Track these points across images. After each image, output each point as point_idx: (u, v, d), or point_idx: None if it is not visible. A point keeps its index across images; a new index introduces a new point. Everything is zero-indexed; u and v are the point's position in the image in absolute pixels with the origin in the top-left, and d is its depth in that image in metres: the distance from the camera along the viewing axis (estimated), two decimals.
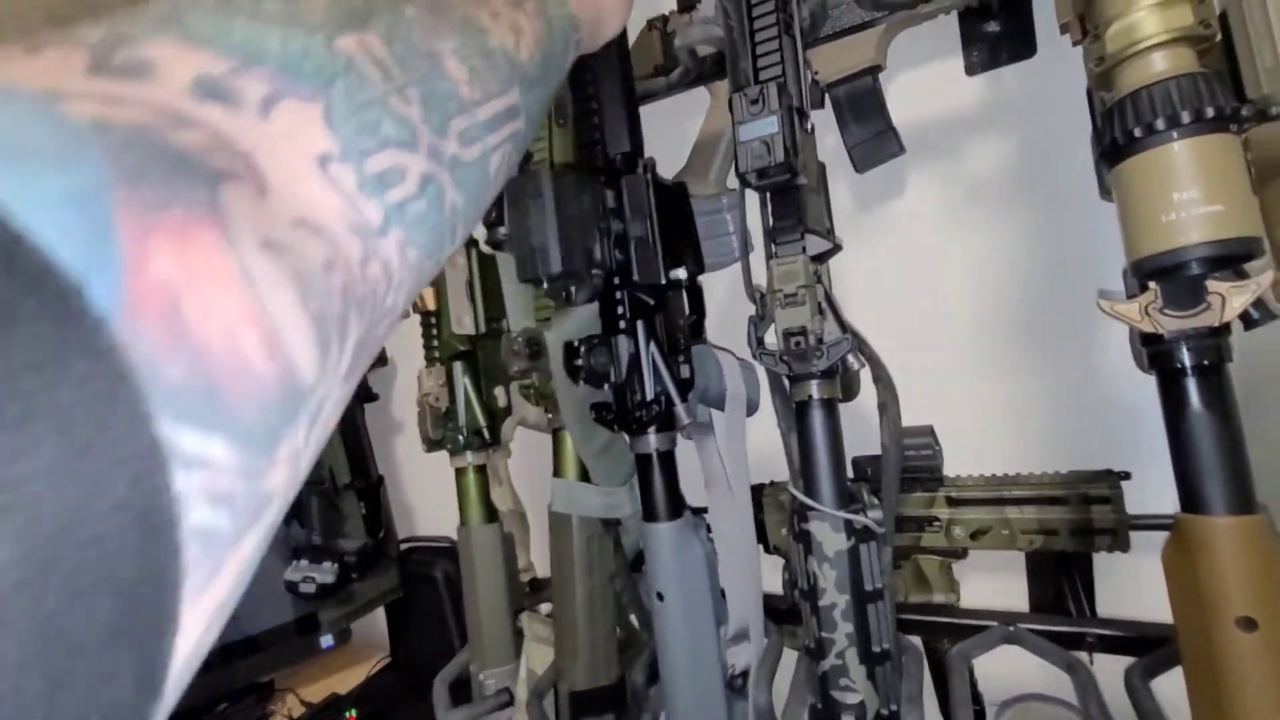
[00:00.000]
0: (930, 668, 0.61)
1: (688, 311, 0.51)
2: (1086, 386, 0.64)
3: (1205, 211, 0.28)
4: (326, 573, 0.85)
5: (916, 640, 0.53)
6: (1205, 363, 0.34)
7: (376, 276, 0.18)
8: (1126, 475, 0.57)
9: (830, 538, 0.44)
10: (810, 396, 0.46)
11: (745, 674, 0.49)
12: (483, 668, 0.59)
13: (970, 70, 0.58)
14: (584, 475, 0.54)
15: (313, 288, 0.15)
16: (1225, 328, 0.34)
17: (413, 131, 0.19)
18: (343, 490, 0.90)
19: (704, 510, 0.52)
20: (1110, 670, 0.47)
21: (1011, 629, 0.50)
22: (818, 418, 0.46)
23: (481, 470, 0.62)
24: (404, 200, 0.19)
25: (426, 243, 0.20)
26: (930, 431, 0.64)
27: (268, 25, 0.17)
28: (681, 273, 0.49)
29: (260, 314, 0.14)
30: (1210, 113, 0.29)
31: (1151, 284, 0.34)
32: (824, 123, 0.62)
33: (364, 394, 0.96)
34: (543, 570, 0.63)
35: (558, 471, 0.55)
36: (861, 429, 0.51)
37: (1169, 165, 0.30)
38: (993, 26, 0.57)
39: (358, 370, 0.18)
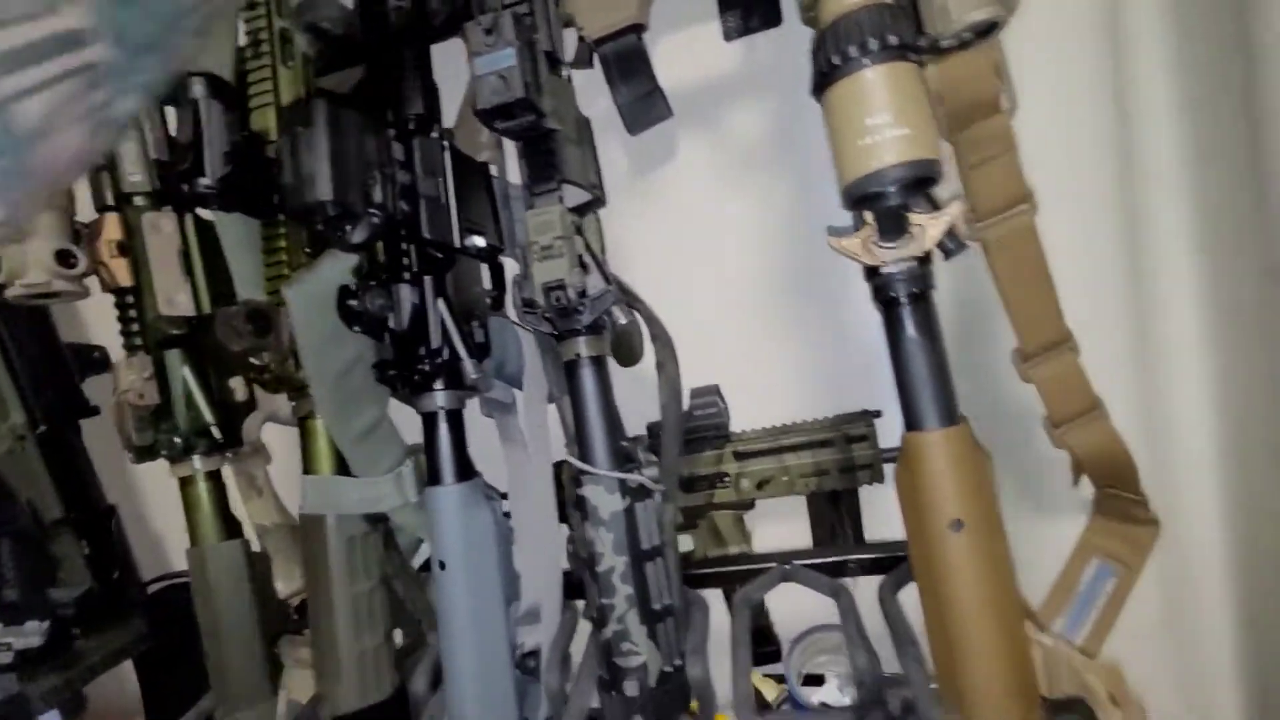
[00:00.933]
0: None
1: (489, 285, 0.48)
2: (848, 333, 0.70)
3: (895, 135, 0.30)
4: (31, 635, 0.67)
5: (711, 593, 0.54)
6: (915, 291, 0.37)
7: None
8: (878, 413, 0.63)
9: (605, 500, 0.42)
10: (578, 354, 0.43)
11: (536, 653, 0.46)
12: (229, 713, 0.49)
13: (727, 36, 0.60)
14: (343, 468, 0.48)
15: None
16: (928, 257, 0.37)
17: None
18: (52, 528, 0.72)
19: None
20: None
21: (787, 567, 0.53)
22: (588, 376, 0.44)
23: (215, 478, 0.52)
24: None
25: None
26: (715, 390, 0.66)
27: None
28: (479, 240, 0.45)
29: None
30: (894, 40, 0.30)
31: (868, 219, 0.36)
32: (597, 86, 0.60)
33: (79, 408, 0.78)
34: None
35: (309, 468, 0.48)
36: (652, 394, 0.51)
37: (862, 91, 0.31)
38: None
39: None
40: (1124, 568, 0.50)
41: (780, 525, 0.67)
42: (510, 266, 0.49)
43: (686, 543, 0.70)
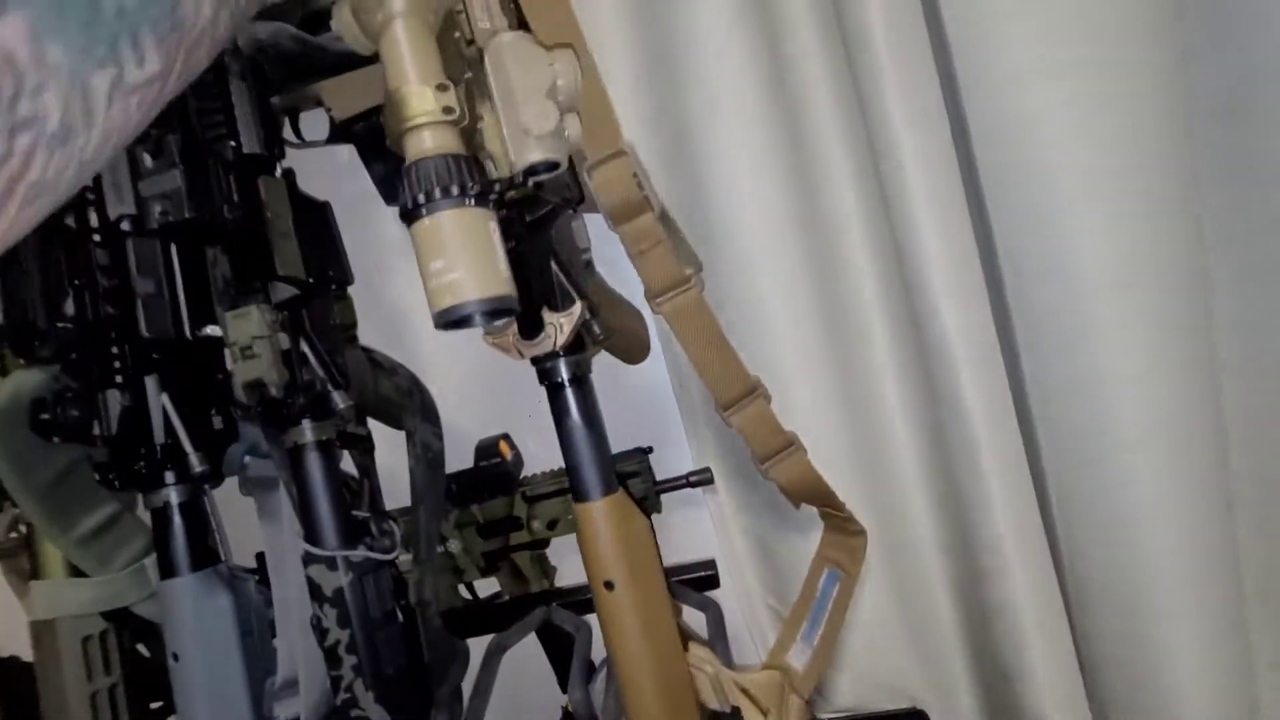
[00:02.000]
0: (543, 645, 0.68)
1: None
2: (620, 376, 0.75)
3: (450, 279, 0.31)
4: None
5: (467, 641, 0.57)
6: (575, 374, 0.42)
7: None
8: (650, 449, 0.69)
9: (328, 577, 0.45)
10: (299, 443, 0.46)
11: None
12: None
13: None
14: (79, 570, 0.48)
15: None
16: (579, 346, 0.42)
17: None
18: None
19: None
20: None
21: (545, 609, 0.58)
22: (312, 460, 0.46)
23: None
24: None
25: (75, 43, 0.15)
26: (499, 440, 0.70)
27: None
28: (214, 330, 0.46)
29: None
30: (454, 190, 0.31)
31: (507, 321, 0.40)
32: None
33: None
34: None
35: (36, 573, 0.48)
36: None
37: (425, 236, 0.32)
38: None
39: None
40: (845, 573, 0.57)
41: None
42: None
43: (492, 585, 0.73)
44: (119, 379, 0.44)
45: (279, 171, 0.50)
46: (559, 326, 0.39)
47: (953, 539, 0.63)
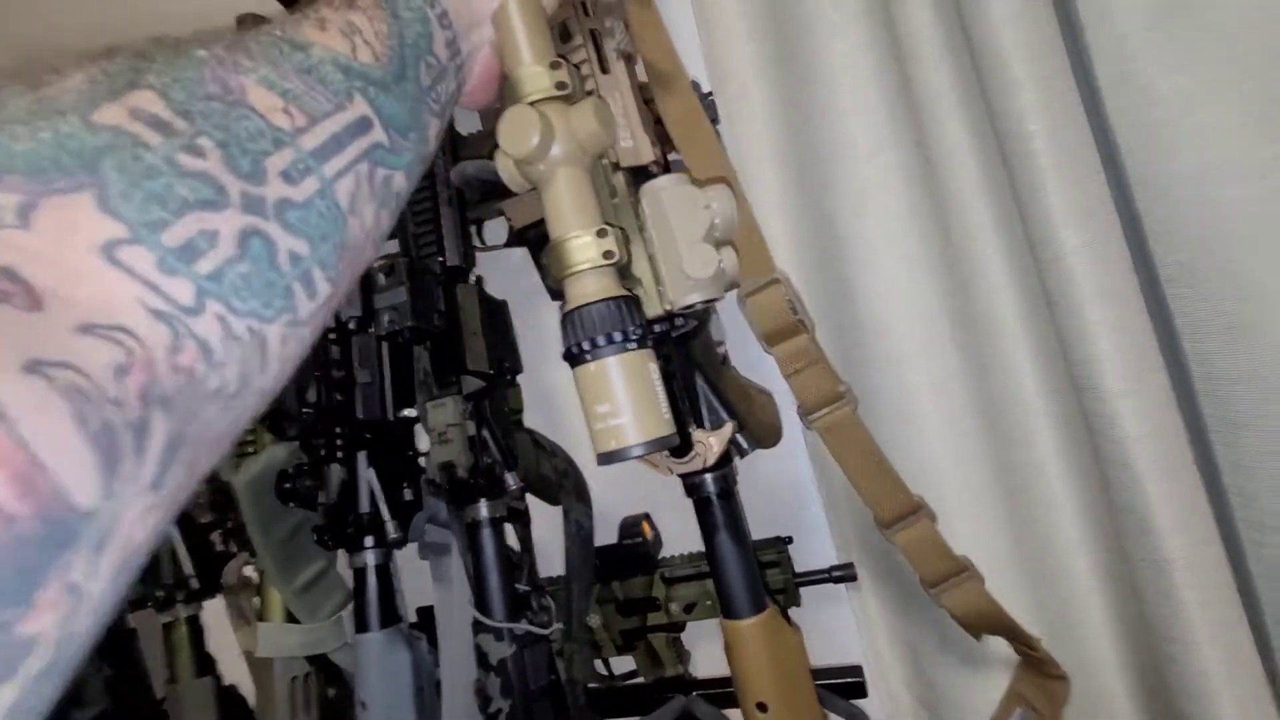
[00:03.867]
0: None
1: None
2: (761, 463, 0.76)
3: (616, 424, 0.32)
4: None
5: None
6: (721, 490, 0.44)
7: (192, 361, 0.16)
8: (789, 539, 0.68)
9: (494, 647, 0.49)
10: (476, 519, 0.52)
11: None
12: None
13: None
14: (292, 616, 0.56)
15: (95, 401, 0.14)
16: (726, 459, 0.44)
17: (216, 187, 0.17)
18: None
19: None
20: None
21: (686, 698, 0.58)
22: (486, 536, 0.52)
23: (193, 622, 0.61)
24: (219, 267, 0.17)
25: (257, 307, 0.18)
26: (642, 519, 0.73)
27: (12, 126, 0.15)
28: (411, 412, 0.55)
29: (13, 447, 0.12)
30: (617, 336, 0.32)
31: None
32: None
33: None
34: None
35: (263, 616, 0.56)
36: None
37: (590, 381, 0.32)
38: None
39: (176, 472, 0.16)
40: (1039, 717, 0.52)
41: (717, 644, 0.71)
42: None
43: (628, 663, 0.74)
44: (339, 455, 0.53)
45: (472, 278, 0.59)
46: (709, 446, 0.41)
47: (1148, 671, 0.56)
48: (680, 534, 0.73)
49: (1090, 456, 0.54)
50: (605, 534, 0.69)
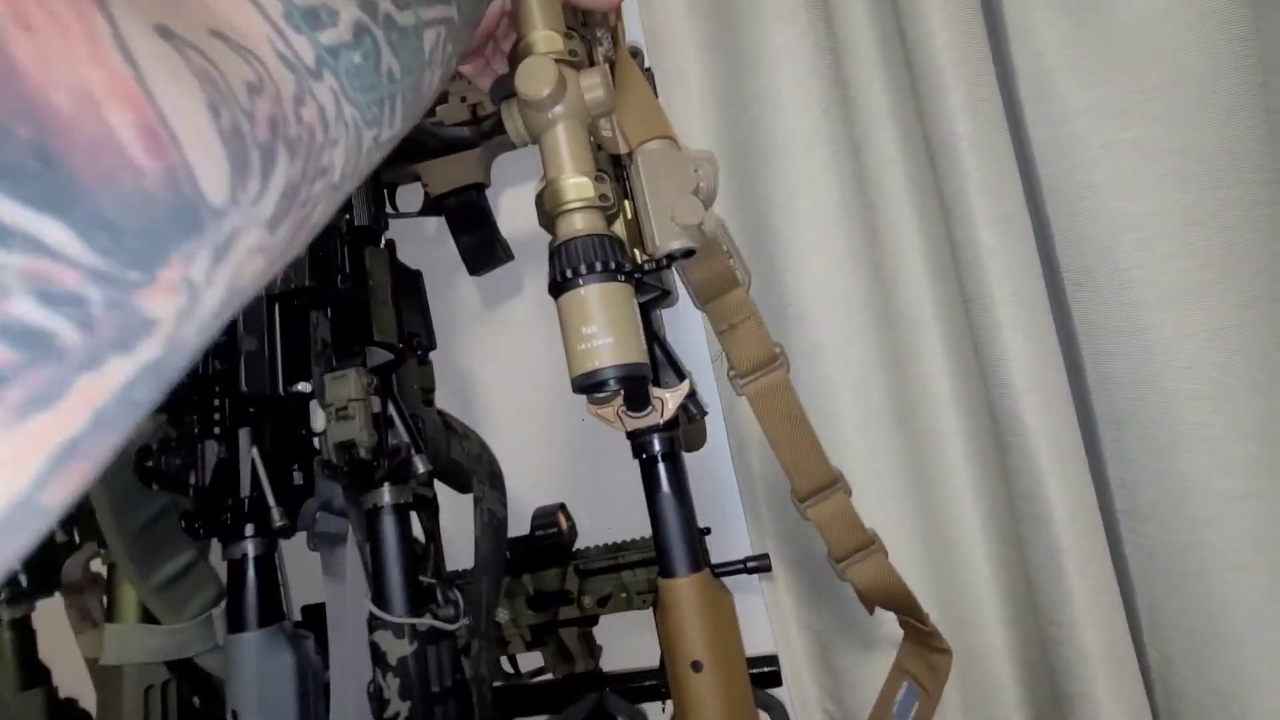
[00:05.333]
0: None
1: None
2: (687, 460, 0.75)
3: (603, 343, 0.35)
4: None
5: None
6: (667, 451, 0.42)
7: (312, 120, 0.16)
8: (707, 530, 0.68)
9: (393, 645, 0.44)
10: (377, 505, 0.47)
11: None
12: None
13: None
14: (149, 616, 0.48)
15: (228, 100, 0.13)
16: (674, 423, 0.43)
17: None
18: None
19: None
20: None
21: (600, 695, 0.56)
22: (387, 523, 0.47)
23: (21, 625, 0.51)
24: (337, 45, 0.17)
25: (364, 104, 0.18)
26: (558, 510, 0.70)
27: None
28: (305, 386, 0.49)
29: (141, 97, 0.11)
30: (602, 265, 0.35)
31: (619, 392, 0.41)
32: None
33: None
34: None
35: (111, 616, 0.49)
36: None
37: (579, 304, 0.35)
38: None
39: (287, 226, 0.15)
40: (924, 692, 0.54)
41: (640, 636, 0.69)
42: None
43: (535, 660, 0.71)
44: (217, 430, 0.46)
45: (383, 243, 0.53)
46: (664, 401, 0.40)
47: (1033, 655, 0.59)
48: (594, 527, 0.71)
49: (994, 451, 0.57)
50: (517, 525, 0.65)
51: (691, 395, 0.44)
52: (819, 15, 0.58)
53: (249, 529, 0.46)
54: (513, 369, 0.74)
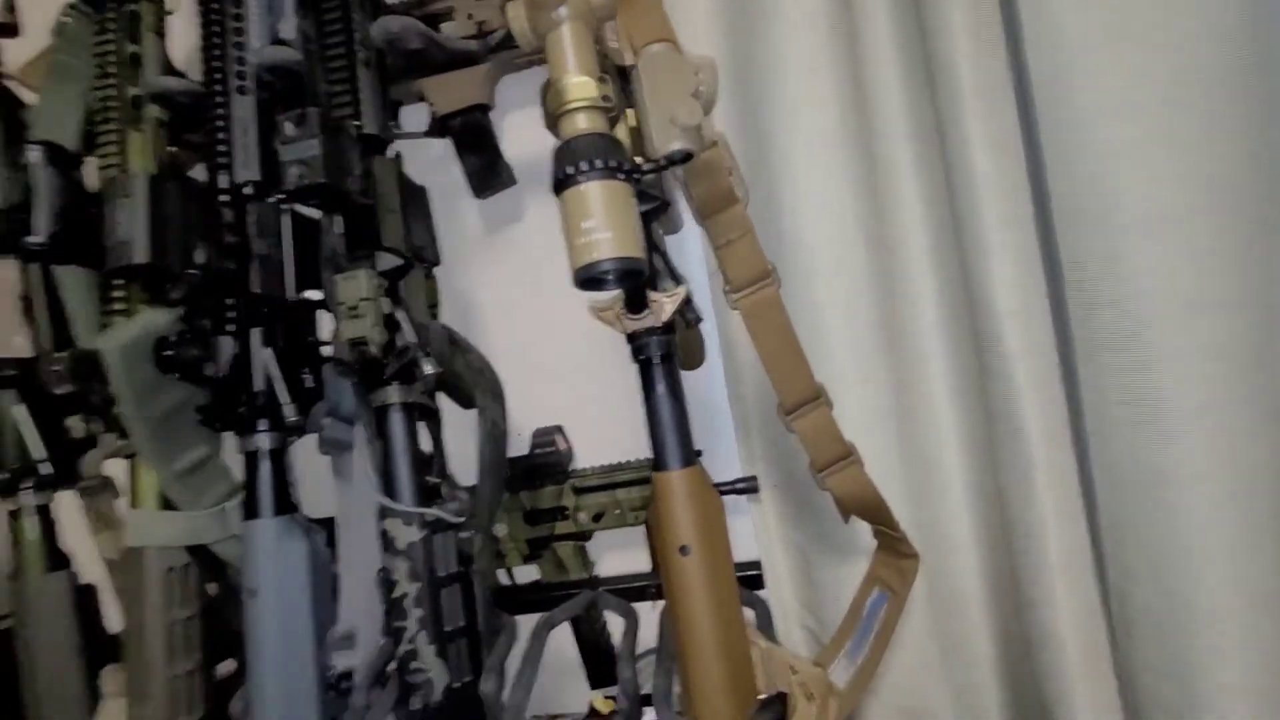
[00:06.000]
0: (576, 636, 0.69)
1: None
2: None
3: (603, 236, 0.37)
4: None
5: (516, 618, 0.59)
6: (664, 353, 0.44)
7: None
8: (700, 453, 0.71)
9: (403, 532, 0.47)
10: (387, 402, 0.49)
11: (349, 675, 0.50)
12: None
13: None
14: (170, 503, 0.51)
15: None
16: (670, 327, 0.45)
17: None
18: None
19: None
20: None
21: (592, 593, 0.59)
22: (396, 421, 0.49)
23: (43, 512, 0.54)
24: None
25: None
26: (556, 431, 0.72)
27: None
28: (316, 294, 0.50)
29: None
30: (604, 164, 0.37)
31: (619, 293, 0.43)
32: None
33: None
34: None
35: (134, 502, 0.51)
36: None
37: (581, 199, 0.38)
38: None
39: None
40: (894, 595, 0.57)
41: (627, 554, 0.73)
42: None
43: (533, 571, 0.75)
44: (231, 328, 0.48)
45: (390, 154, 0.54)
46: (662, 304, 0.42)
47: (998, 566, 0.63)
48: (585, 451, 0.74)
49: (975, 376, 0.60)
50: (515, 446, 0.68)
51: (688, 301, 0.46)
52: None
53: (263, 423, 0.49)
54: (512, 294, 0.76)
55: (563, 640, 0.65)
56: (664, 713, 0.42)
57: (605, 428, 0.77)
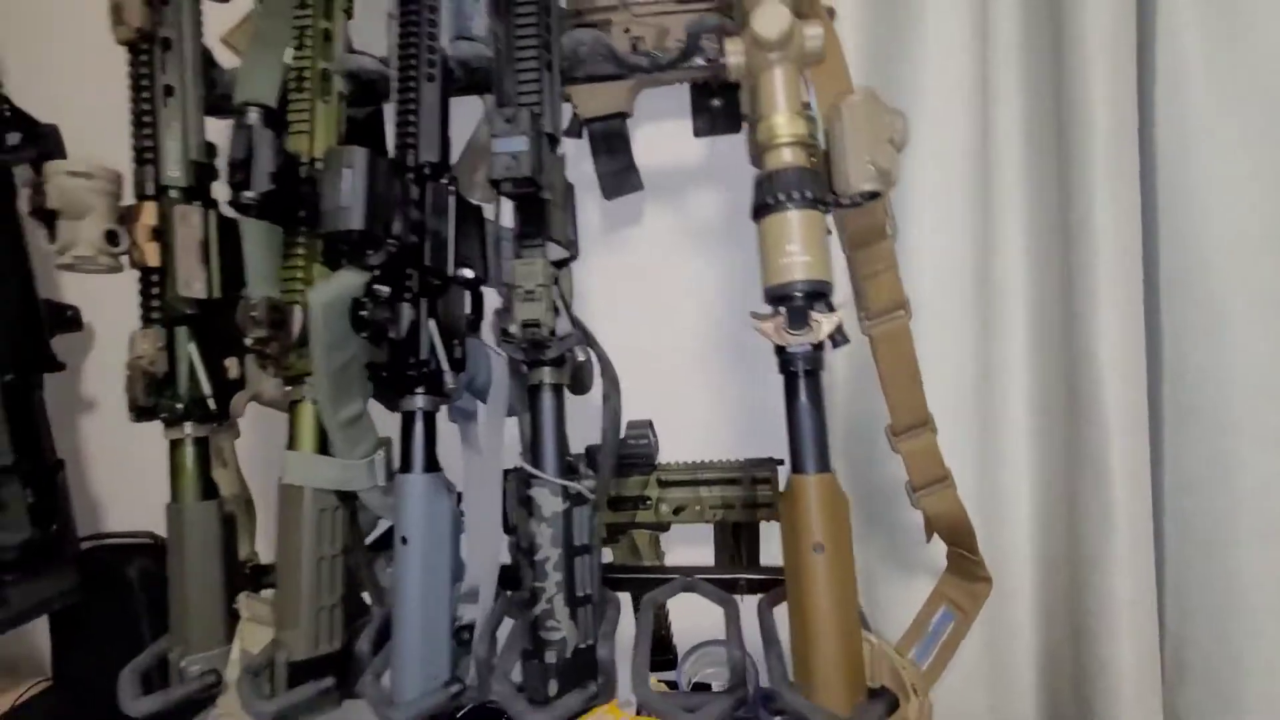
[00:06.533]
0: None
1: (469, 310, 0.56)
2: (768, 390, 0.82)
3: (803, 259, 0.41)
4: None
5: (624, 594, 0.63)
6: (809, 368, 0.48)
7: None
8: (781, 462, 0.75)
9: (549, 501, 0.51)
10: (542, 381, 0.53)
11: (470, 627, 0.54)
12: (186, 653, 0.55)
13: (697, 133, 0.72)
14: (322, 450, 0.55)
15: None
16: (821, 345, 0.49)
17: None
18: (1, 474, 0.75)
19: None
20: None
21: (689, 579, 0.63)
22: (547, 399, 0.53)
23: (202, 444, 0.58)
24: None
25: None
26: (648, 425, 0.76)
27: None
28: (468, 272, 0.54)
29: None
30: (809, 195, 0.42)
31: (780, 309, 0.47)
32: (583, 152, 0.72)
33: (46, 362, 0.81)
34: (268, 557, 0.60)
35: (292, 445, 0.55)
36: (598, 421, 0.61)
37: (785, 225, 0.42)
38: (715, 102, 0.72)
39: None
40: (962, 614, 0.61)
41: (689, 549, 0.77)
42: (490, 296, 0.58)
43: (608, 554, 0.79)
44: (408, 296, 0.52)
45: (559, 152, 0.59)
46: (820, 324, 0.46)
47: (1053, 596, 0.68)
48: (671, 446, 0.78)
49: (1057, 420, 0.64)
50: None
51: (839, 326, 0.50)
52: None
53: (422, 388, 0.53)
54: (621, 291, 0.80)
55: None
56: (790, 695, 0.46)
57: (691, 427, 0.81)
